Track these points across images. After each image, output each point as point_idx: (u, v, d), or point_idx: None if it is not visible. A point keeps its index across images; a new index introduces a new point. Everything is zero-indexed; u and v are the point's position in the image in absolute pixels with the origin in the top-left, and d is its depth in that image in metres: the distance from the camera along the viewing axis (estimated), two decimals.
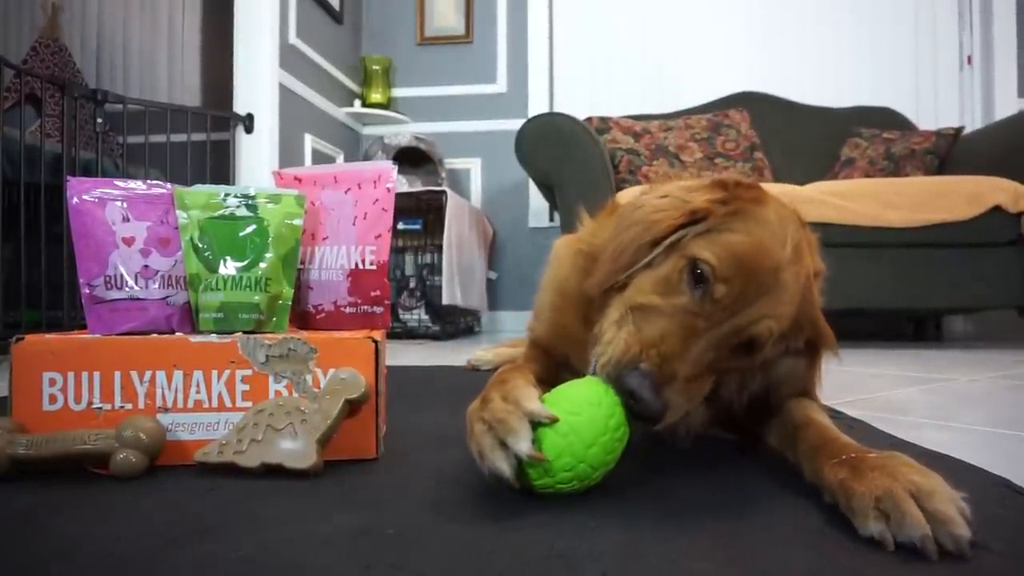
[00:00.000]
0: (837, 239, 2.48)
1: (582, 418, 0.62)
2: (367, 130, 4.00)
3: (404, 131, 3.84)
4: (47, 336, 0.78)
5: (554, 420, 0.61)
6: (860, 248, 2.51)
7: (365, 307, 0.93)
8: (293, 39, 3.16)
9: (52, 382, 0.76)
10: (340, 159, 3.65)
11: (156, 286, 0.84)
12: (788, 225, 0.72)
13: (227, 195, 0.87)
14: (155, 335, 0.81)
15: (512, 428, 0.60)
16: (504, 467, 0.60)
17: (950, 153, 3.08)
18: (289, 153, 3.13)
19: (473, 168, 3.97)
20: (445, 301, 3.11)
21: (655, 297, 0.69)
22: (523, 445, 0.59)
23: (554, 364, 0.92)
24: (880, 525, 0.52)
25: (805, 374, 0.80)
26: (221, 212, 0.86)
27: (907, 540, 0.50)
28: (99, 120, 2.56)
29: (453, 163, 3.92)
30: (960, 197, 2.50)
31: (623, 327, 0.68)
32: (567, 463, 0.61)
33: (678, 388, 0.64)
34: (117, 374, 0.77)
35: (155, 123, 2.72)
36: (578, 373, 0.77)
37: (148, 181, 0.87)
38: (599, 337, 0.71)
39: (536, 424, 0.61)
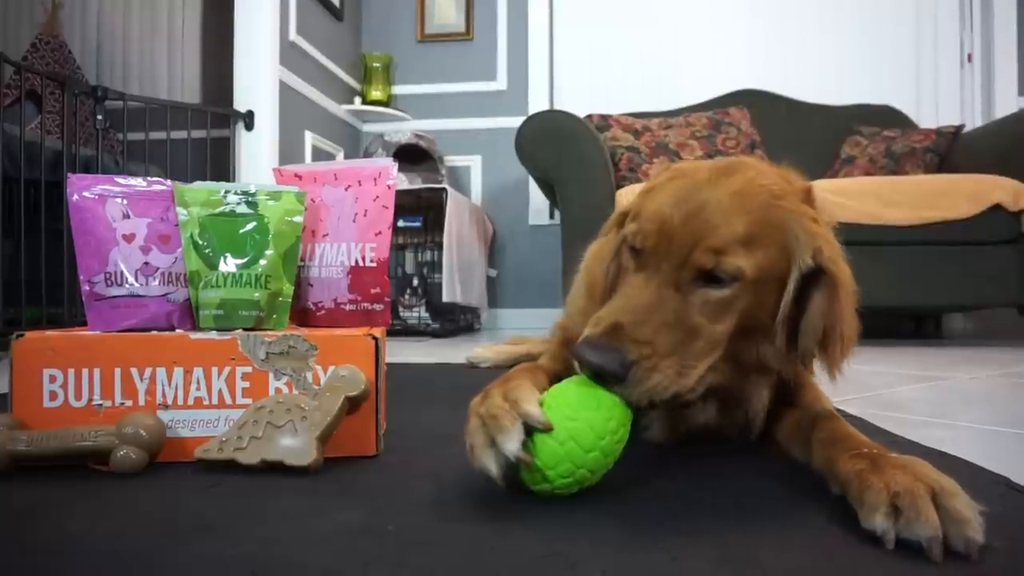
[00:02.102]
0: (837, 237, 2.48)
1: (579, 424, 0.61)
2: (367, 127, 4.00)
3: (404, 128, 3.84)
4: (47, 333, 0.78)
5: (549, 427, 0.60)
6: (860, 246, 2.47)
7: (365, 304, 0.93)
8: (293, 36, 3.16)
9: (52, 379, 0.76)
10: (340, 156, 3.65)
11: (156, 283, 0.84)
12: (704, 164, 0.74)
13: (227, 192, 0.87)
14: (155, 332, 0.81)
15: (504, 427, 0.59)
16: (491, 466, 0.59)
17: (950, 151, 3.07)
18: (289, 150, 3.13)
19: (473, 165, 3.96)
20: (445, 298, 3.11)
21: (618, 288, 0.74)
22: (511, 446, 0.58)
23: None
24: (888, 522, 0.51)
25: (826, 312, 0.71)
26: (221, 209, 0.86)
27: (913, 539, 0.50)
28: (99, 117, 2.55)
29: (453, 160, 3.92)
30: (960, 195, 2.50)
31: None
32: (566, 470, 0.60)
33: (632, 338, 0.63)
34: (117, 371, 0.77)
35: (155, 120, 2.72)
36: None
37: (148, 178, 0.87)
38: None
39: (532, 428, 0.60)
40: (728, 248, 0.66)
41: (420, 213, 3.36)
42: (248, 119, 2.94)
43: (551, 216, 3.84)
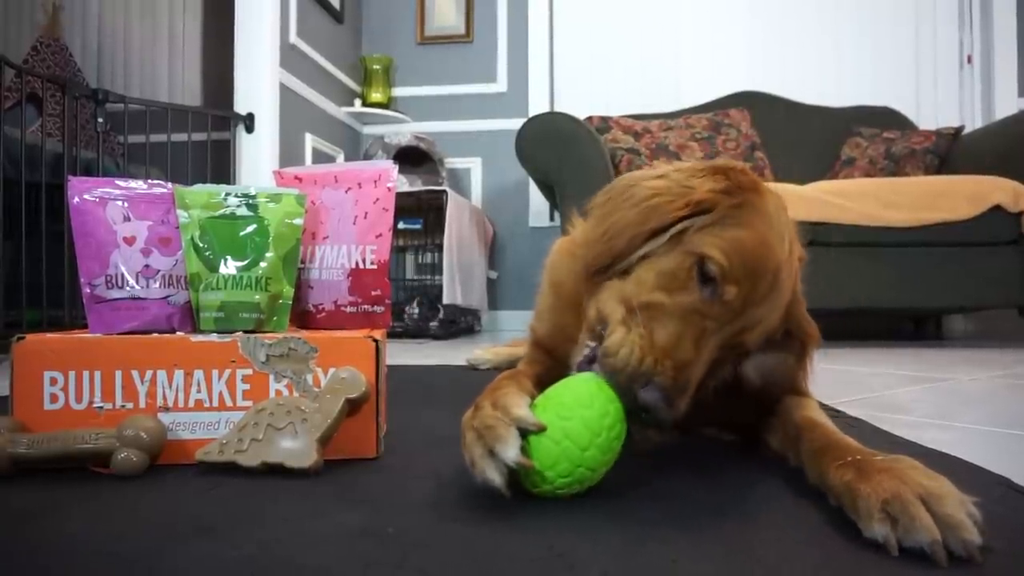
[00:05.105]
0: (838, 239, 2.49)
1: (574, 423, 0.61)
2: (367, 129, 4.00)
3: (404, 130, 3.84)
4: (48, 335, 0.78)
5: (541, 428, 0.60)
6: (860, 248, 2.51)
7: (366, 306, 0.93)
8: (294, 38, 3.16)
9: (53, 381, 0.76)
10: (340, 158, 3.65)
11: (157, 285, 0.84)
12: (783, 217, 0.73)
13: (228, 194, 0.87)
14: (156, 334, 0.81)
15: (500, 436, 0.60)
16: (494, 476, 0.59)
17: (950, 152, 3.07)
18: (289, 152, 3.13)
19: (473, 167, 3.97)
20: (445, 300, 3.11)
21: (661, 295, 0.66)
22: (511, 453, 0.58)
23: (556, 364, 0.91)
24: (885, 528, 0.51)
25: (794, 369, 0.79)
26: (222, 211, 0.86)
27: (915, 545, 0.49)
28: (100, 120, 2.56)
29: (453, 162, 3.92)
30: (960, 197, 2.50)
31: (632, 328, 0.64)
32: (564, 469, 0.60)
33: (690, 394, 0.64)
34: (118, 373, 0.77)
35: (156, 123, 2.72)
36: None
37: (149, 180, 0.87)
38: (595, 329, 0.69)
39: (526, 431, 0.61)
40: (768, 334, 0.70)
41: (420, 215, 3.36)
42: (248, 121, 2.94)
43: (551, 218, 3.84)
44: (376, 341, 0.81)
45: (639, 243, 0.71)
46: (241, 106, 2.96)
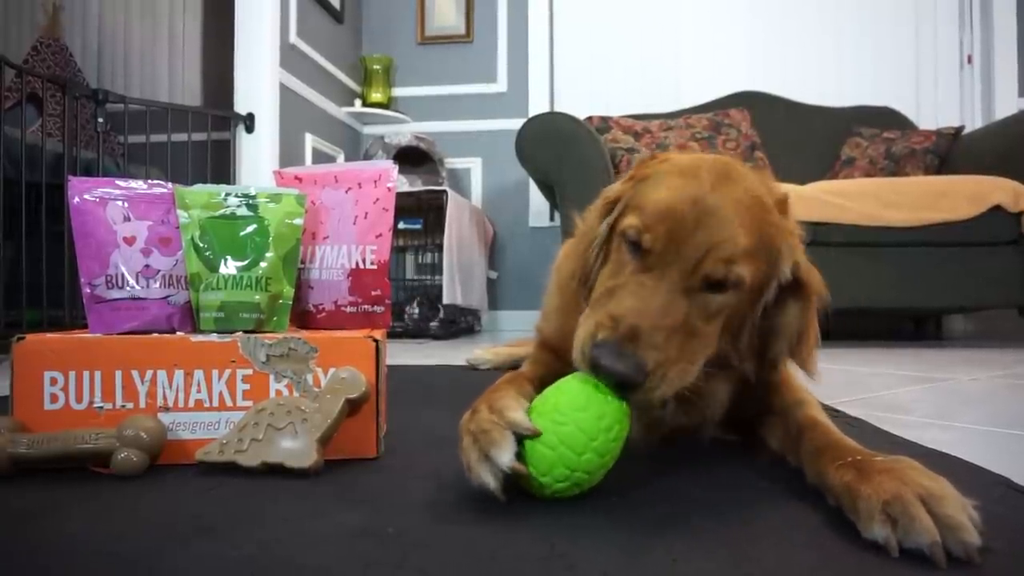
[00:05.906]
0: (838, 239, 2.48)
1: (569, 427, 0.60)
2: (368, 129, 4.00)
3: (404, 130, 3.84)
4: (48, 335, 0.78)
5: (536, 433, 0.60)
6: (861, 248, 2.51)
7: (366, 306, 0.94)
8: (294, 39, 3.16)
9: (53, 381, 0.76)
10: (341, 159, 3.65)
11: (157, 285, 0.84)
12: (701, 162, 0.73)
13: (228, 195, 0.87)
14: (156, 334, 0.81)
15: (495, 440, 0.60)
16: (489, 480, 0.59)
17: (950, 152, 3.07)
18: (290, 153, 3.13)
19: (474, 167, 3.97)
20: (446, 300, 3.11)
21: (611, 281, 0.71)
22: (505, 458, 0.59)
23: (562, 364, 0.91)
24: (885, 529, 0.51)
25: (793, 320, 0.76)
26: (222, 211, 0.86)
27: (915, 546, 0.49)
28: (100, 120, 2.56)
29: (453, 162, 3.92)
30: (960, 197, 2.50)
31: (589, 318, 0.68)
32: (561, 474, 0.60)
33: (650, 343, 0.62)
34: (118, 373, 0.77)
35: (156, 123, 2.72)
36: None
37: (149, 181, 0.87)
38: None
39: (522, 436, 0.61)
40: (736, 259, 0.67)
41: (420, 215, 3.36)
42: (248, 121, 2.94)
43: (551, 218, 3.84)
44: (376, 341, 0.81)
45: (595, 251, 0.79)
46: (241, 106, 2.96)
